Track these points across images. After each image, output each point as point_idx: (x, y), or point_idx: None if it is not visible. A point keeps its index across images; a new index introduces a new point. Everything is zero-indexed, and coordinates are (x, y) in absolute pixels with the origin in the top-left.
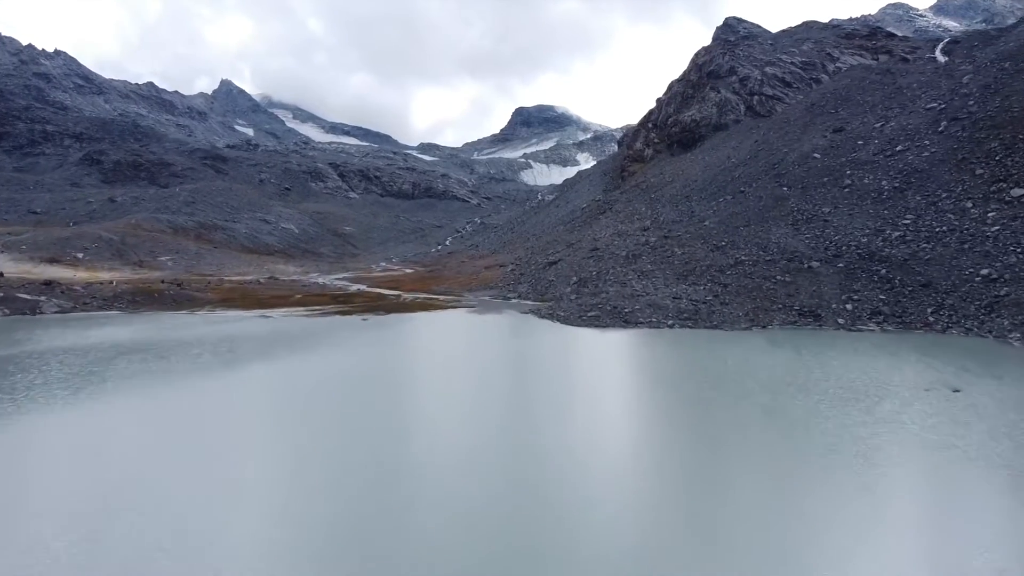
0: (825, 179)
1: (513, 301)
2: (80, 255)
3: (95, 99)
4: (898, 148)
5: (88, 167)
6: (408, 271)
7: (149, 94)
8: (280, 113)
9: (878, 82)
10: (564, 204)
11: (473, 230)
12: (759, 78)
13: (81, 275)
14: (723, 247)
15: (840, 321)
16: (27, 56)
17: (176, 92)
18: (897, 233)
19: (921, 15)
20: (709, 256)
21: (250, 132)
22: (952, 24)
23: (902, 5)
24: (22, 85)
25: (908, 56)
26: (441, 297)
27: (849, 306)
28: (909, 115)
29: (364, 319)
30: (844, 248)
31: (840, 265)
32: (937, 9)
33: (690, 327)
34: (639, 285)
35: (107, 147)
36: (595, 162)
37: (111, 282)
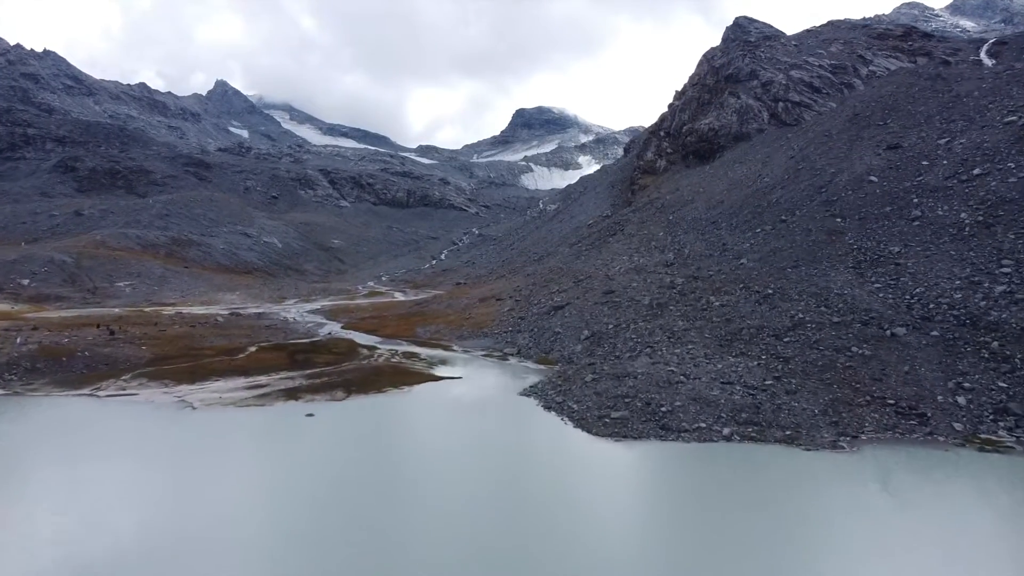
0: (887, 208)
1: (511, 361)
2: (26, 282)
3: (84, 100)
4: (975, 171)
5: (62, 175)
6: (397, 296)
7: (141, 95)
8: (276, 114)
9: (929, 89)
10: (568, 219)
11: (470, 242)
12: (784, 83)
13: (19, 308)
14: (771, 297)
15: (957, 427)
16: (15, 56)
17: (169, 93)
18: (1000, 287)
19: (937, 15)
20: (756, 311)
21: (245, 134)
22: (969, 24)
23: (917, 5)
24: (7, 86)
25: (949, 59)
26: (424, 353)
27: (961, 399)
28: (981, 130)
29: (309, 415)
30: (933, 307)
31: (934, 334)
32: (953, 9)
33: (754, 437)
34: (673, 356)
35: (83, 153)
36: (597, 165)
37: (20, 332)
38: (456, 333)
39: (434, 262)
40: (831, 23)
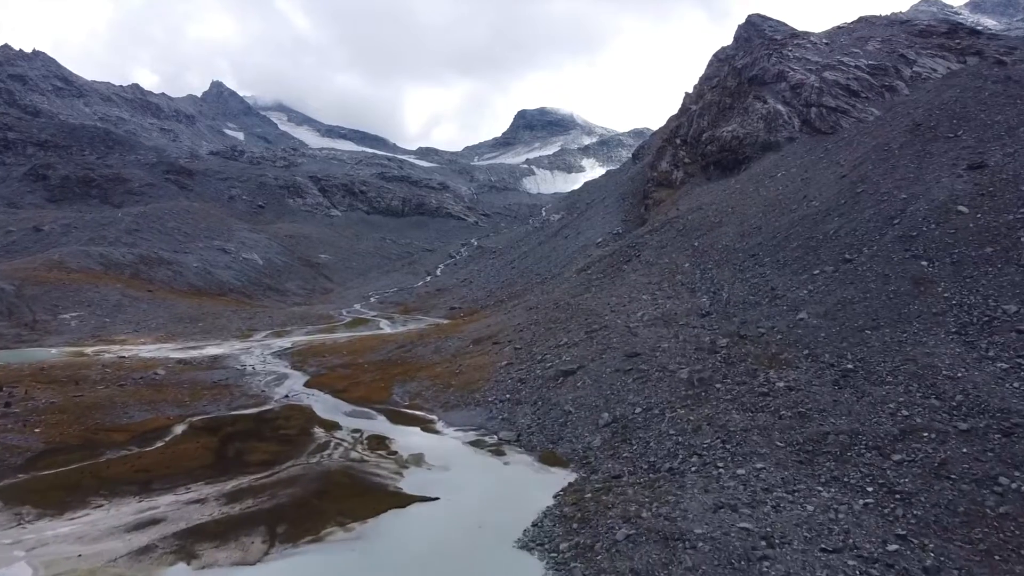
0: (988, 249)
1: (507, 456)
2: None
3: (74, 102)
4: None
5: (32, 183)
6: (383, 327)
7: (133, 96)
8: (273, 116)
9: (1002, 93)
10: (574, 235)
11: (468, 255)
12: (816, 85)
13: None
14: (853, 376)
15: None
16: (2, 57)
17: (163, 95)
18: None
19: (957, 12)
20: (840, 401)
21: (240, 136)
22: (991, 22)
23: (936, 2)
24: None
25: (1004, 58)
26: (396, 438)
27: None
28: None
29: None
30: None
31: None
32: (973, 7)
33: None
34: (737, 484)
35: (55, 160)
36: (602, 169)
37: None
38: (442, 397)
39: (428, 279)
40: (864, 19)
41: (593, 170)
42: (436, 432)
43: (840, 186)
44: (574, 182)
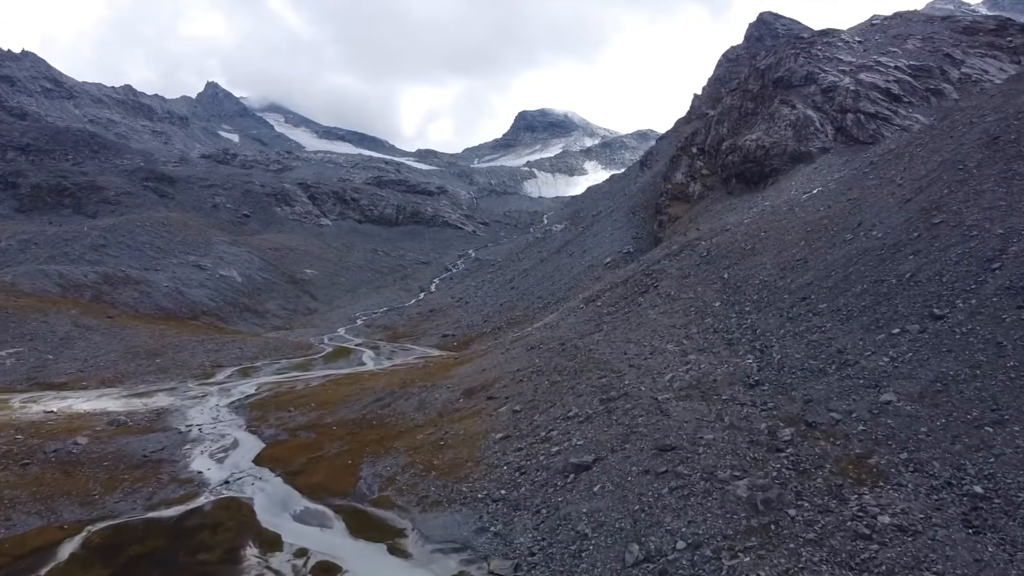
0: None
1: None
2: None
3: (64, 104)
4: None
5: (1, 192)
6: (366, 361)
7: (126, 98)
8: (271, 117)
9: None
10: (580, 253)
11: (465, 268)
12: (851, 88)
13: None
14: (989, 512)
15: None
16: None
17: (156, 96)
18: None
19: (974, 10)
20: (986, 562)
21: (235, 138)
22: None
23: None
24: None
25: None
26: (352, 567)
27: None
28: None
29: None
30: None
31: None
32: (991, 4)
33: None
34: None
35: (26, 167)
36: (604, 171)
37: None
38: (420, 486)
39: (422, 295)
40: (900, 15)
41: (596, 173)
42: (407, 555)
43: (907, 213)
44: (576, 185)
